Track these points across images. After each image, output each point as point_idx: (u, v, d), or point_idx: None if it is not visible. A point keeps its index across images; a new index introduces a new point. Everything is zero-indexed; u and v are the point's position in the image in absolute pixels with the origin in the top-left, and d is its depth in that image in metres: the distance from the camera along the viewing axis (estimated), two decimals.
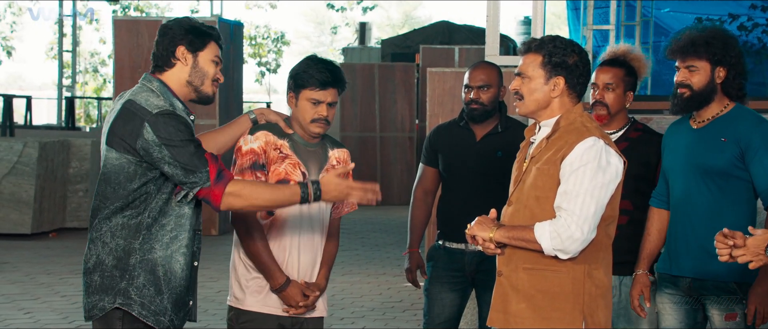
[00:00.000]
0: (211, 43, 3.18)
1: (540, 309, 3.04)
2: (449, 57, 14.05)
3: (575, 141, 3.01)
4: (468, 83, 4.19)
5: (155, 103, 3.04)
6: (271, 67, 29.05)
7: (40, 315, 6.77)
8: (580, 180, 2.95)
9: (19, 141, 10.20)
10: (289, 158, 3.49)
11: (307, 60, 3.54)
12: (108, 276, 3.07)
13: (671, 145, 3.67)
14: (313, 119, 3.47)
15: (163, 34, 3.17)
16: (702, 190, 3.54)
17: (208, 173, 2.99)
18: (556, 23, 32.45)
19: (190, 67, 3.15)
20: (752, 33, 12.47)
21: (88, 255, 3.13)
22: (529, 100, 3.10)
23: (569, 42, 3.12)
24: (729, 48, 3.55)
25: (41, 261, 8.92)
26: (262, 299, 3.51)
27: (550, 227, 2.96)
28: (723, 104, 3.57)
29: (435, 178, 4.36)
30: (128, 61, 10.52)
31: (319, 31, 43.68)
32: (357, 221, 12.05)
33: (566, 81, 3.07)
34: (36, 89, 34.32)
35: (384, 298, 7.44)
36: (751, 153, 3.46)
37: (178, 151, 2.98)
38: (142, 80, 3.16)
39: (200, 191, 3.01)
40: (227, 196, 3.02)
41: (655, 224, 3.68)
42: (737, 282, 3.51)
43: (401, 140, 14.28)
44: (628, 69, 3.88)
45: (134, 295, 3.05)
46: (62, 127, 16.26)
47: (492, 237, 3.04)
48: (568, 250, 2.96)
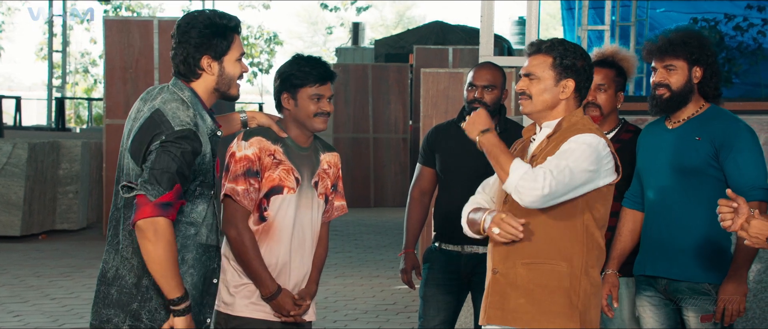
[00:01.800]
0: (234, 38, 3.09)
1: (539, 303, 3.05)
2: (443, 57, 14.00)
3: (574, 135, 3.05)
4: (472, 82, 4.17)
5: (182, 118, 2.94)
6: (263, 67, 29.01)
7: (29, 317, 6.71)
8: (569, 154, 2.98)
9: (9, 142, 10.12)
10: (283, 164, 3.46)
11: (296, 60, 3.51)
12: (126, 294, 2.99)
13: (646, 145, 3.70)
14: (316, 114, 3.47)
15: (183, 41, 3.03)
16: (677, 190, 3.56)
17: (160, 195, 2.87)
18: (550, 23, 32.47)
19: (216, 76, 3.07)
20: (747, 33, 12.46)
21: (108, 265, 3.03)
22: (538, 100, 3.12)
23: (577, 46, 3.17)
24: (705, 48, 3.60)
25: (31, 264, 8.85)
26: (252, 303, 3.47)
27: (525, 168, 2.96)
28: (699, 104, 3.61)
29: (432, 179, 4.33)
30: (119, 62, 10.45)
31: (312, 32, 43.66)
32: (350, 223, 12.00)
33: (576, 84, 3.11)
34: (26, 90, 34.20)
35: (377, 300, 7.39)
36: (725, 152, 3.49)
37: (164, 160, 2.89)
38: (173, 86, 3.05)
39: (140, 196, 2.87)
40: (148, 221, 2.86)
41: (627, 224, 3.71)
42: (711, 283, 3.53)
43: (395, 141, 14.23)
44: (618, 69, 3.91)
45: (146, 319, 2.99)
46: (52, 128, 16.19)
47: (479, 139, 3.06)
48: (524, 197, 2.94)
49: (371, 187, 14.10)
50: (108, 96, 10.56)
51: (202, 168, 3.00)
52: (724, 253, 3.55)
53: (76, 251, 9.62)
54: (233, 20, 3.09)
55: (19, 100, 16.19)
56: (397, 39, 18.38)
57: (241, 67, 3.12)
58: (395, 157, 14.21)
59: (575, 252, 3.05)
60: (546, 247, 3.05)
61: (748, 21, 12.52)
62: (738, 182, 3.46)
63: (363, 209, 13.63)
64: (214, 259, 3.11)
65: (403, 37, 18.22)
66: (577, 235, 3.06)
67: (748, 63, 12.04)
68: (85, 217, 10.93)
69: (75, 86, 26.36)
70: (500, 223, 3.01)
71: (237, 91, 3.14)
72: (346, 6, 26.49)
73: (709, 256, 3.53)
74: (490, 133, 3.08)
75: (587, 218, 3.06)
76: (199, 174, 3.00)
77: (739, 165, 3.48)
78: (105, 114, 10.61)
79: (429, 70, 7.73)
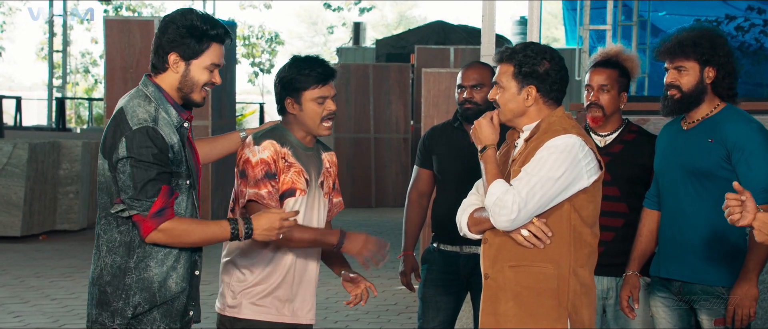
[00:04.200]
0: (211, 46, 3.07)
1: (526, 306, 3.06)
2: (444, 57, 13.98)
3: (550, 138, 3.06)
4: (461, 83, 4.18)
5: (140, 115, 2.99)
6: (264, 67, 28.99)
7: (29, 318, 6.70)
8: (540, 166, 3.00)
9: (9, 142, 10.10)
10: (294, 167, 3.46)
11: (295, 62, 3.48)
12: (103, 293, 3.05)
13: (662, 146, 3.69)
14: (324, 116, 3.46)
15: (161, 33, 3.08)
16: (690, 192, 3.55)
17: (152, 205, 2.95)
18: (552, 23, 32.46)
19: (180, 76, 3.08)
20: (749, 34, 12.46)
21: (93, 265, 3.11)
22: (506, 109, 3.16)
23: (541, 49, 3.14)
24: (717, 48, 3.56)
25: (31, 264, 8.84)
26: (258, 306, 3.47)
27: (499, 193, 3.01)
28: (713, 104, 3.58)
29: (429, 180, 4.33)
30: (119, 62, 10.42)
31: (313, 32, 43.64)
32: (351, 224, 11.98)
33: (538, 90, 3.11)
34: (26, 90, 34.22)
35: (378, 301, 7.38)
36: (737, 154, 3.47)
37: (139, 172, 2.94)
38: (141, 83, 3.11)
39: (136, 215, 2.98)
40: (157, 232, 2.98)
41: (646, 225, 3.70)
42: (725, 286, 3.51)
43: (396, 141, 14.20)
44: (621, 70, 3.89)
45: (130, 315, 3.03)
46: (53, 128, 16.18)
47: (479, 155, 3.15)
48: (496, 221, 3.02)
49: (372, 187, 14.07)
50: (108, 96, 10.54)
51: (173, 160, 3.02)
52: (738, 255, 3.51)
53: (76, 251, 9.61)
54: (218, 29, 3.08)
55: (20, 100, 16.18)
56: (399, 39, 18.34)
57: (211, 77, 3.10)
58: (396, 157, 14.18)
59: (562, 253, 3.05)
60: (531, 249, 3.05)
61: (750, 21, 12.52)
62: (750, 184, 3.41)
63: (364, 210, 13.61)
64: (196, 251, 3.17)
65: (404, 37, 18.19)
66: (563, 236, 3.06)
67: (749, 63, 12.03)
68: (85, 217, 10.92)
69: (75, 86, 26.35)
70: (530, 225, 3.03)
71: (200, 98, 3.12)
72: (349, 6, 26.48)
73: (722, 258, 3.51)
74: (489, 150, 3.13)
75: (574, 219, 3.06)
76: (172, 165, 3.02)
77: (752, 167, 3.44)
78: (105, 114, 10.58)
79: (430, 70, 7.71)
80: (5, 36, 27.73)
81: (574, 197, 3.04)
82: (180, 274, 3.09)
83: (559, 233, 3.05)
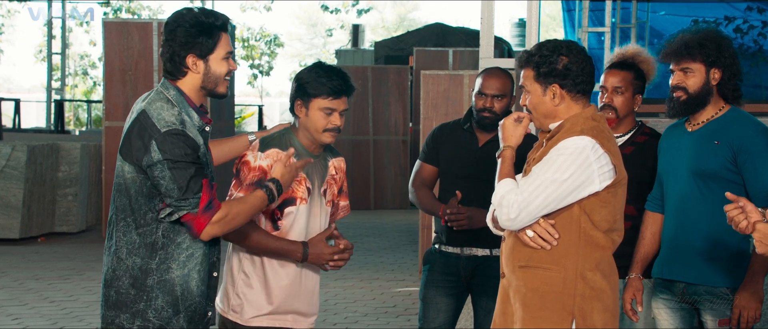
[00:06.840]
0: (221, 37, 3.09)
1: (529, 307, 3.04)
2: (443, 59, 13.99)
3: (565, 138, 3.02)
4: (482, 90, 4.13)
5: (167, 119, 2.99)
6: (263, 69, 28.98)
7: (28, 320, 6.69)
8: (547, 167, 2.98)
9: (8, 145, 10.09)
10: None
11: (316, 68, 3.47)
12: (123, 294, 3.05)
13: (666, 148, 3.67)
14: (326, 129, 3.44)
15: (170, 39, 3.07)
16: (695, 194, 3.53)
17: (200, 201, 2.97)
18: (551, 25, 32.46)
19: (202, 75, 3.09)
20: (748, 35, 12.47)
21: (106, 267, 3.11)
22: (537, 114, 3.14)
23: (556, 45, 3.10)
24: (723, 49, 3.55)
25: (30, 266, 8.83)
26: (260, 312, 3.47)
27: (504, 192, 3.03)
28: (718, 106, 3.57)
29: (432, 175, 4.30)
30: (118, 64, 10.42)
31: (312, 34, 43.64)
32: (350, 226, 11.98)
33: (561, 86, 3.07)
34: (25, 92, 34.22)
35: (377, 303, 7.38)
36: (743, 156, 3.45)
37: (180, 172, 2.95)
38: (160, 86, 3.10)
39: (186, 215, 2.99)
40: (212, 225, 3.00)
41: (649, 227, 3.68)
42: (730, 287, 3.51)
43: (395, 143, 14.20)
44: (636, 72, 3.86)
45: (153, 318, 3.05)
46: (51, 130, 16.17)
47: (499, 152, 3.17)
48: (500, 218, 3.03)
49: (371, 189, 14.07)
50: (107, 98, 10.54)
51: (201, 161, 3.04)
52: (742, 257, 3.50)
53: (75, 254, 9.60)
54: (220, 18, 3.10)
55: (18, 102, 16.18)
56: (397, 41, 18.35)
57: (228, 65, 3.13)
58: (395, 159, 14.18)
59: (569, 255, 3.02)
60: (539, 250, 3.04)
61: (748, 23, 12.53)
62: (756, 186, 3.42)
63: (363, 212, 13.61)
64: (215, 253, 3.18)
65: (402, 39, 18.20)
66: (571, 239, 3.02)
67: (748, 65, 12.04)
68: (84, 220, 10.91)
69: (74, 88, 26.36)
70: (536, 226, 3.02)
71: (224, 88, 3.15)
72: (347, 8, 26.47)
73: (726, 260, 3.50)
74: (508, 151, 3.15)
75: (584, 222, 3.02)
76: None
77: (758, 170, 3.43)
78: (104, 116, 10.58)
79: (429, 72, 7.71)
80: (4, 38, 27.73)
81: (585, 200, 3.00)
82: (201, 276, 3.11)
83: (567, 236, 3.02)
